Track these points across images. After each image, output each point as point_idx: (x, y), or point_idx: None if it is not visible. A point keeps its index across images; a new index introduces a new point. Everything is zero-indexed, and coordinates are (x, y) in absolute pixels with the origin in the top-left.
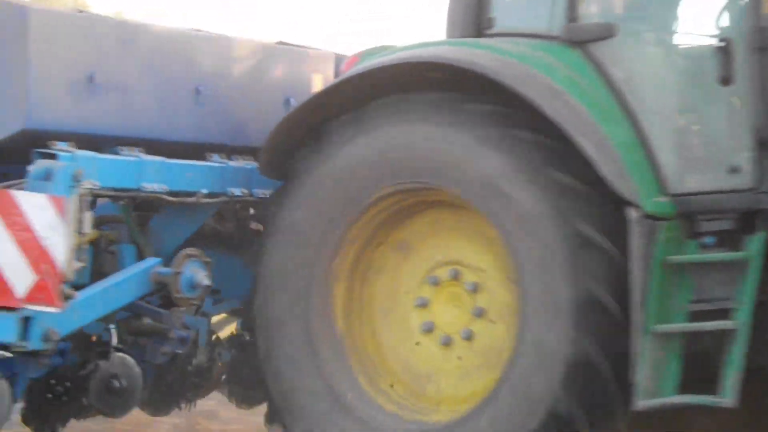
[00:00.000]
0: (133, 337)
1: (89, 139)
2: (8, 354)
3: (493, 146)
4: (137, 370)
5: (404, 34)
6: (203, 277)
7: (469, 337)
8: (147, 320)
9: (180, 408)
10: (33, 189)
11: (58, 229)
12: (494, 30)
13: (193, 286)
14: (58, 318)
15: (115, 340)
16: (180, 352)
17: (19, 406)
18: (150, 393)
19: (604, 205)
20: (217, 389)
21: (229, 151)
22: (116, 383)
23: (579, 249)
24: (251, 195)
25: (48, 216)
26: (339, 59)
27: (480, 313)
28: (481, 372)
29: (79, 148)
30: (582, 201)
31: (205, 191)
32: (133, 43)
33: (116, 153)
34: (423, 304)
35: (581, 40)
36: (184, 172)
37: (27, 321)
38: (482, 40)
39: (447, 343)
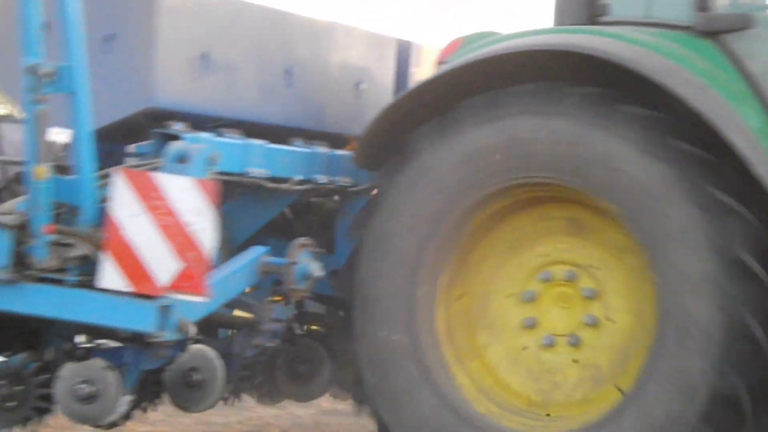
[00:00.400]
0: (218, 328)
1: (198, 119)
2: (115, 343)
3: (649, 154)
4: (218, 363)
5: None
6: (316, 268)
7: (549, 344)
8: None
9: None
10: (168, 171)
11: (204, 214)
12: (609, 18)
13: (305, 277)
14: (187, 308)
15: (193, 331)
16: (271, 345)
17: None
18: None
19: (754, 224)
20: None
21: (308, 135)
22: (194, 376)
23: (734, 275)
24: (333, 182)
25: (194, 200)
26: (401, 44)
27: (575, 343)
28: (526, 377)
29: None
30: (736, 220)
31: (299, 177)
32: (239, 21)
33: (220, 135)
34: (546, 279)
35: (715, 30)
36: (282, 158)
37: (165, 310)
38: (607, 29)
39: (530, 326)
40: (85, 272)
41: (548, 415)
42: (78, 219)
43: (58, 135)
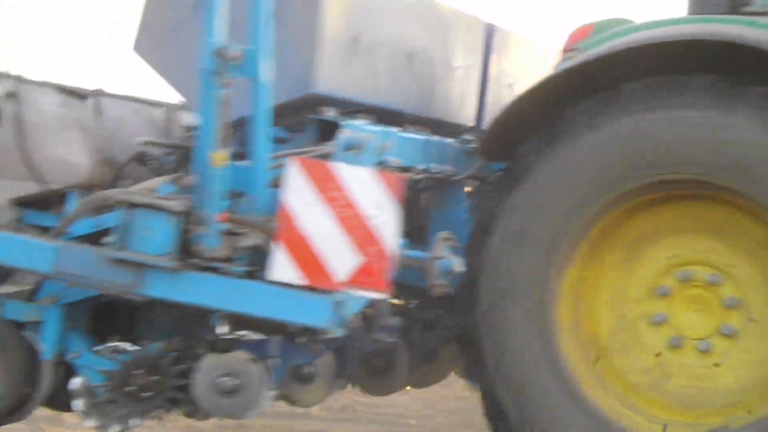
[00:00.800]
0: None
1: (343, 104)
2: (258, 336)
3: None
4: (330, 357)
5: None
6: (458, 264)
7: (657, 321)
8: None
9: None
10: (338, 160)
11: (386, 208)
12: (754, 8)
13: (447, 272)
14: (349, 301)
15: None
16: (392, 340)
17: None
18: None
19: None
20: None
21: (417, 122)
22: (305, 370)
23: None
24: (441, 171)
25: (375, 193)
26: (488, 28)
27: (674, 345)
28: (613, 323)
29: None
30: None
31: (421, 167)
32: (380, 2)
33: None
34: (714, 282)
35: None
36: (411, 146)
37: (339, 305)
38: (760, 20)
39: (659, 294)
40: (253, 263)
41: (597, 360)
42: (247, 207)
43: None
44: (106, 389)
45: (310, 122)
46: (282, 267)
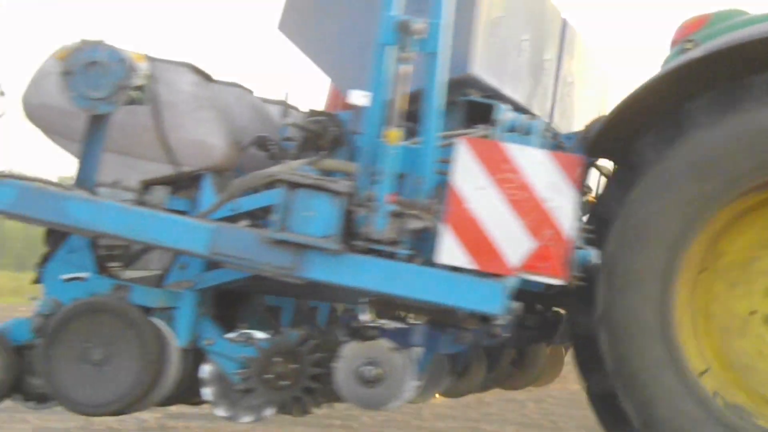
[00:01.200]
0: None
1: (482, 88)
2: (401, 324)
3: None
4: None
5: None
6: (595, 255)
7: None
8: None
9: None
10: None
11: (563, 191)
12: None
13: (584, 263)
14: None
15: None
16: (507, 336)
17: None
18: None
19: None
20: None
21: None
22: None
23: None
24: None
25: (551, 175)
26: (564, 23)
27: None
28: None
29: None
30: None
31: None
32: None
33: None
34: None
35: None
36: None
37: (508, 291)
38: None
39: None
40: (417, 246)
41: (703, 270)
42: (413, 188)
43: (361, 98)
44: (243, 377)
45: (460, 104)
46: (450, 250)
